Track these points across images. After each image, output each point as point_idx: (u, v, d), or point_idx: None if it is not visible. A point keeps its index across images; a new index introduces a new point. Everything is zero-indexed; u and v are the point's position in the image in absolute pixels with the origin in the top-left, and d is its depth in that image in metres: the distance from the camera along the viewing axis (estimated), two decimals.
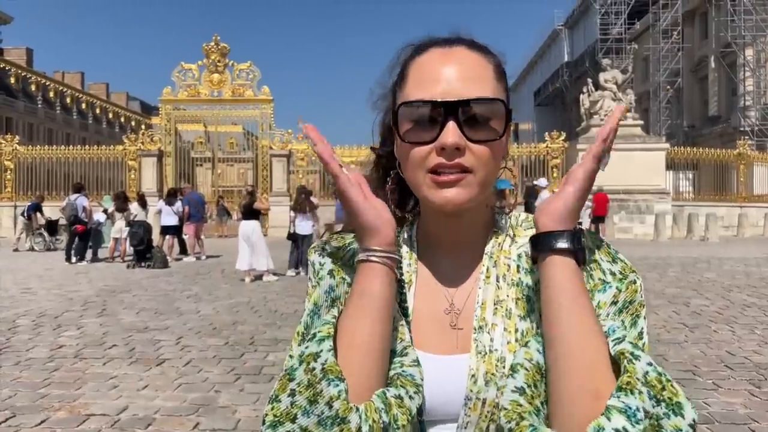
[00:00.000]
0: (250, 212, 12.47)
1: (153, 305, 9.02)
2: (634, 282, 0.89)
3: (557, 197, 0.85)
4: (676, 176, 26.74)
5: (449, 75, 0.86)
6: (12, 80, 55.32)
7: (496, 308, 0.90)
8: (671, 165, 25.76)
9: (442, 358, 0.90)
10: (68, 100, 64.45)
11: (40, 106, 59.30)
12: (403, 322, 0.90)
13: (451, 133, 0.83)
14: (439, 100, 0.84)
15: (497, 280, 0.92)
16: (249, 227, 12.21)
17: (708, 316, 8.01)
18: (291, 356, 0.84)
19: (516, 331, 0.88)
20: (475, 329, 0.89)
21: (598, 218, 21.23)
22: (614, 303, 0.87)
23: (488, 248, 0.94)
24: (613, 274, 0.89)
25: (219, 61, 25.53)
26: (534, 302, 0.89)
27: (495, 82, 0.88)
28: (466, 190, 0.86)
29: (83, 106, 67.03)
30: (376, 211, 0.84)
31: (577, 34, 52.25)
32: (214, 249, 18.36)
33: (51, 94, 59.88)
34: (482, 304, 0.90)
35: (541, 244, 0.83)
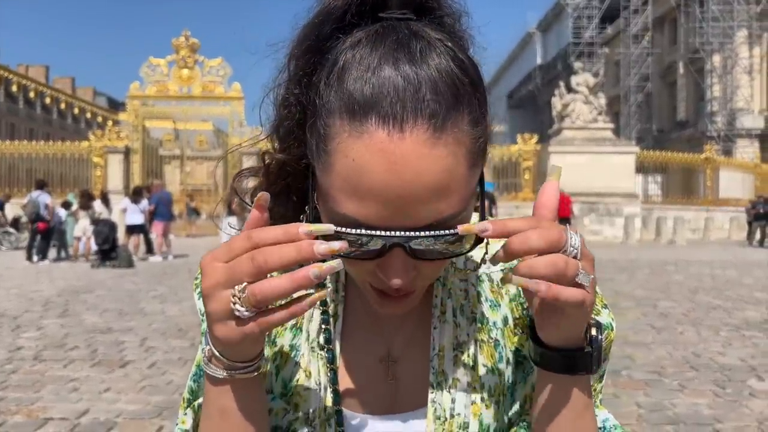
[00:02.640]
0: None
1: (117, 306, 8.81)
2: (612, 328, 0.73)
3: None
4: (645, 180, 27.20)
5: (397, 190, 0.55)
6: None
7: (456, 356, 0.71)
8: (641, 168, 26.18)
9: (374, 421, 0.72)
10: (32, 94, 62.92)
11: (1, 100, 57.82)
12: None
13: (395, 271, 0.59)
14: (381, 233, 0.57)
15: (454, 315, 0.72)
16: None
17: (675, 318, 8.11)
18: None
19: (482, 387, 0.70)
20: (432, 386, 0.70)
21: (563, 220, 21.39)
22: None
23: (440, 271, 0.70)
24: None
25: (189, 57, 25.17)
26: (503, 347, 0.73)
27: (467, 168, 0.58)
28: (413, 302, 0.66)
29: (47, 100, 65.56)
30: None
31: (549, 38, 52.90)
32: (182, 248, 18.07)
33: (14, 88, 58.41)
34: (439, 351, 0.71)
35: (549, 364, 0.63)
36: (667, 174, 28.51)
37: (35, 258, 15.02)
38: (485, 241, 0.61)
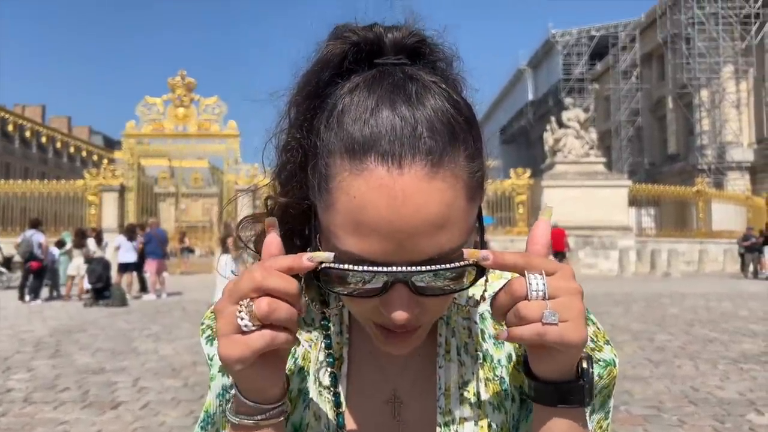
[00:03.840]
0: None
1: (109, 345, 8.70)
2: (615, 364, 0.73)
3: None
4: (638, 212, 27.35)
5: (397, 225, 0.57)
6: None
7: (462, 394, 0.71)
8: (634, 201, 26.34)
9: None
10: (28, 133, 63.25)
11: None
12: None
13: (398, 306, 0.60)
14: (384, 269, 0.58)
15: (458, 354, 0.73)
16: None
17: (672, 351, 8.06)
18: None
19: (489, 426, 0.71)
20: (440, 425, 0.70)
21: (558, 254, 21.41)
22: None
23: (444, 308, 0.70)
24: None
25: (185, 96, 25.41)
26: (507, 385, 0.73)
27: (465, 201, 0.60)
28: (417, 340, 0.66)
29: (43, 139, 65.89)
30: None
31: (540, 74, 53.74)
32: (176, 286, 17.94)
33: (10, 127, 58.70)
34: (446, 390, 0.71)
35: (543, 397, 0.64)
36: (660, 207, 28.69)
37: (27, 298, 14.88)
38: (485, 278, 0.63)
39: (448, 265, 0.59)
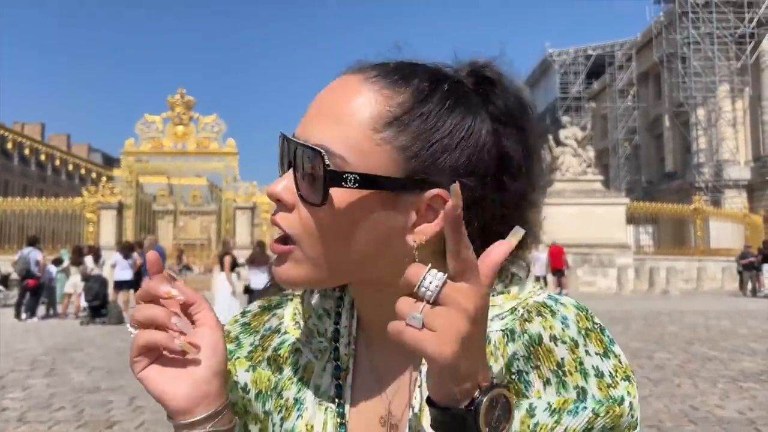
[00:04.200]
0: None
1: (105, 364, 8.64)
2: (621, 402, 0.64)
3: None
4: (636, 230, 27.39)
5: (311, 108, 0.68)
6: None
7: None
8: (631, 219, 26.39)
9: None
10: (27, 151, 63.39)
11: None
12: None
13: (279, 180, 0.67)
14: (287, 134, 0.67)
15: None
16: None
17: (671, 369, 8.03)
18: None
19: None
20: None
21: (557, 271, 21.40)
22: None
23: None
24: (600, 375, 0.65)
25: (184, 114, 25.54)
26: None
27: (364, 129, 0.64)
28: (293, 268, 0.67)
29: (42, 157, 66.01)
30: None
31: (537, 92, 54.08)
32: None
33: (9, 145, 58.85)
34: (419, 410, 0.68)
35: (434, 425, 0.58)
36: (658, 224, 28.74)
37: (24, 315, 14.80)
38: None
39: (300, 141, 0.65)
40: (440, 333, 0.52)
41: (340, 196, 0.63)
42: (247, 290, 12.92)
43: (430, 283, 0.53)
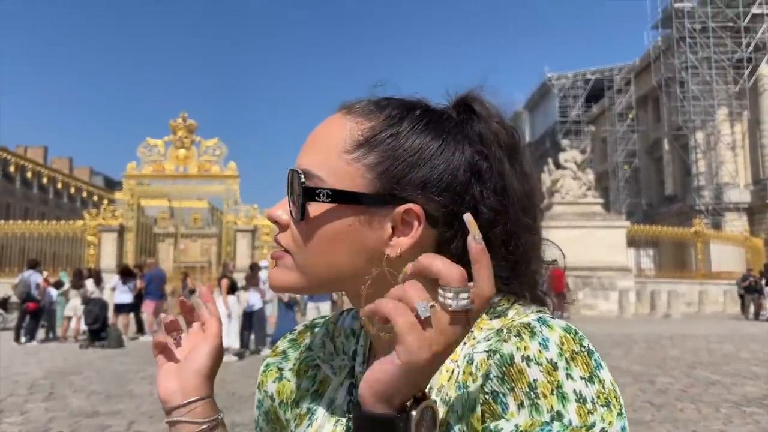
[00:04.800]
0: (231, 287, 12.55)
1: (104, 388, 8.58)
2: (591, 428, 0.60)
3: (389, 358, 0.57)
4: (637, 253, 27.34)
5: (305, 142, 0.78)
6: None
7: None
8: (632, 242, 26.36)
9: None
10: (29, 174, 63.63)
11: None
12: None
13: (278, 204, 0.77)
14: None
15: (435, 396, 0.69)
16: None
17: (673, 394, 7.96)
18: None
19: None
20: None
21: (558, 294, 21.27)
22: None
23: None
24: (581, 401, 0.61)
25: (186, 137, 25.68)
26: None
27: (338, 151, 0.73)
28: (282, 273, 0.76)
29: (45, 180, 66.21)
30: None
31: (537, 116, 54.44)
32: None
33: (11, 168, 59.09)
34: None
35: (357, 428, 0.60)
36: (659, 248, 28.69)
37: (23, 339, 14.74)
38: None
39: (291, 169, 0.73)
40: (425, 338, 0.55)
41: (317, 210, 0.72)
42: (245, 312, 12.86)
43: (455, 293, 0.55)
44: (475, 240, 0.56)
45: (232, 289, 12.51)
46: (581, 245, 22.54)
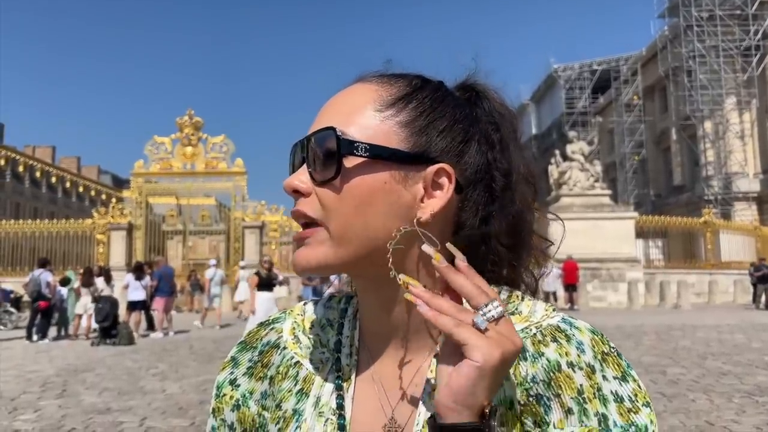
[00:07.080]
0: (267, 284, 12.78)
1: (116, 384, 8.64)
2: (645, 430, 0.66)
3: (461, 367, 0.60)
4: (646, 244, 27.22)
5: (319, 113, 0.73)
6: None
7: None
8: (641, 233, 26.24)
9: None
10: (38, 174, 63.99)
11: (8, 180, 58.71)
12: None
13: (294, 175, 0.71)
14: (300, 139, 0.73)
15: None
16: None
17: (685, 384, 7.94)
18: None
19: None
20: None
21: (570, 286, 21.32)
22: None
23: (444, 337, 0.66)
24: (619, 400, 0.66)
25: (192, 135, 25.74)
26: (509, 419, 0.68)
27: (368, 110, 0.70)
28: (314, 250, 0.69)
29: (53, 179, 66.55)
30: None
31: (543, 108, 54.18)
32: (183, 324, 17.88)
33: (20, 168, 59.43)
34: (424, 425, 0.68)
35: None
36: (668, 238, 28.55)
37: (35, 337, 14.85)
38: None
39: (318, 130, 0.69)
40: (492, 341, 0.59)
41: (353, 165, 0.68)
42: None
43: (486, 308, 0.61)
44: (462, 261, 0.64)
45: (268, 284, 12.66)
46: (589, 237, 22.48)
